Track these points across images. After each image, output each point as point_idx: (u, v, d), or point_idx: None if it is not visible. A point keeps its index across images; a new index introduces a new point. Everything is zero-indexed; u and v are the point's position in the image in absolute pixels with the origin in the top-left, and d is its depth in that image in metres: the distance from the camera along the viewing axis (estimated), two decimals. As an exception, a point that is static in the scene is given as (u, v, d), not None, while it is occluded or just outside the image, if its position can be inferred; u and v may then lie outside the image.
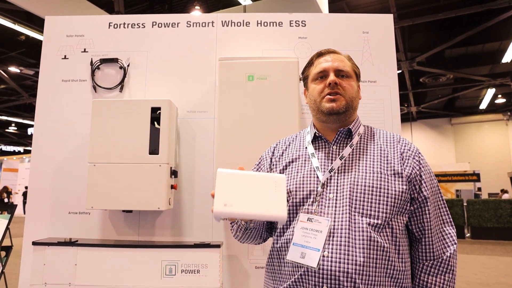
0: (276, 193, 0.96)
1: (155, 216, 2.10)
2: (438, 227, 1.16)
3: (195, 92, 2.19)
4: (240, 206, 0.92)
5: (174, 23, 2.27)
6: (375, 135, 1.24)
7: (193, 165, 2.13)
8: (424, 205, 1.14)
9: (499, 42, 9.03)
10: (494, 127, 15.73)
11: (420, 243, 1.15)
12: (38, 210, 2.11)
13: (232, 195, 0.93)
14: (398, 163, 1.14)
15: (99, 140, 1.95)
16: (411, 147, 1.20)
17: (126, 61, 2.22)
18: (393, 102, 2.16)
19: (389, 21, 2.25)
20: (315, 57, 1.28)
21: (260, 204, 0.94)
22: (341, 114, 1.18)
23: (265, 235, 1.29)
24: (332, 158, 1.18)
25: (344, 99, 1.18)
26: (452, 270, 1.12)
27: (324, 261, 1.04)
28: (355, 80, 1.25)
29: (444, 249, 1.14)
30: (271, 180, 0.98)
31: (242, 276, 2.03)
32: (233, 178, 0.95)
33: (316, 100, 1.21)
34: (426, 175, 1.16)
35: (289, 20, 2.24)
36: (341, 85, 1.18)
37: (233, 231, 1.25)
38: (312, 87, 1.24)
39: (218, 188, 0.93)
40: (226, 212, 0.92)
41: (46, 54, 2.25)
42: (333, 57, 1.24)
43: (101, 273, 1.83)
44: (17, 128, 18.12)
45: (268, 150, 1.35)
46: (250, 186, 0.95)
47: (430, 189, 1.15)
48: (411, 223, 1.15)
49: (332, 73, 1.20)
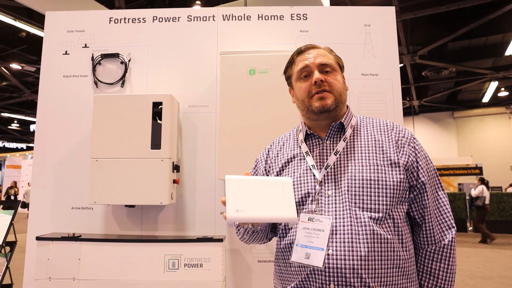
0: (285, 196, 0.99)
1: (157, 211, 2.10)
2: (437, 211, 1.16)
3: (197, 87, 2.19)
4: (252, 210, 0.95)
5: (175, 18, 2.26)
6: (368, 125, 1.22)
7: (195, 159, 2.13)
8: (423, 191, 1.14)
9: (502, 34, 8.95)
10: (497, 120, 15.65)
11: (421, 228, 1.15)
12: (42, 205, 2.12)
13: (243, 201, 0.96)
14: (394, 152, 1.13)
15: (101, 135, 1.96)
16: (405, 133, 1.19)
17: (127, 56, 2.21)
18: (395, 95, 2.15)
19: (391, 14, 2.24)
20: (295, 54, 1.25)
21: (270, 207, 0.97)
22: (332, 111, 1.16)
23: (270, 235, 1.30)
24: (327, 154, 1.17)
25: (333, 95, 1.16)
26: (453, 255, 1.14)
27: (330, 259, 1.03)
28: (340, 72, 1.22)
29: (443, 233, 1.15)
30: (279, 183, 1.01)
31: (244, 270, 2.04)
32: (242, 184, 0.99)
33: (304, 100, 1.19)
34: (422, 161, 1.16)
35: (290, 13, 2.23)
36: (327, 81, 1.16)
37: (240, 234, 1.25)
38: (298, 87, 1.21)
39: (228, 195, 0.96)
40: (239, 217, 0.94)
41: (47, 49, 2.25)
42: (314, 53, 1.20)
43: (105, 268, 1.84)
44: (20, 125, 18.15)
45: (263, 152, 1.33)
46: (259, 191, 0.99)
47: (427, 174, 1.15)
48: (412, 210, 1.16)
49: (316, 70, 1.17)
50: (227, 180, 0.98)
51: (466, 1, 6.94)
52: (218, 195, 2.10)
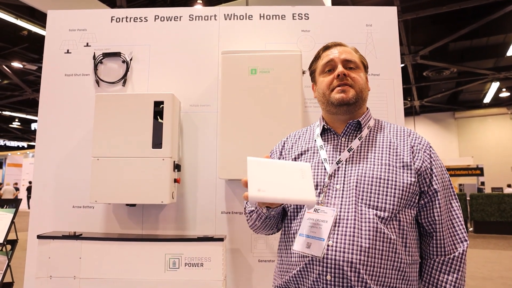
0: (304, 179, 1.02)
1: (158, 210, 2.10)
2: (449, 222, 1.14)
3: (198, 86, 2.19)
4: (273, 191, 0.97)
5: (176, 17, 2.26)
6: (385, 129, 1.23)
7: (196, 159, 2.13)
8: (434, 198, 1.12)
9: (503, 35, 8.94)
10: (498, 121, 15.64)
11: (431, 238, 1.13)
12: (43, 204, 2.12)
13: (264, 181, 0.97)
14: (407, 156, 1.13)
15: (103, 134, 1.96)
16: (422, 140, 1.19)
17: (129, 55, 2.21)
18: (397, 96, 2.14)
19: (393, 14, 2.23)
20: (321, 50, 1.28)
21: (290, 189, 0.99)
22: (351, 105, 1.18)
23: (280, 225, 1.30)
24: (340, 150, 1.18)
25: (354, 89, 1.18)
26: (462, 268, 1.11)
27: (329, 250, 1.04)
28: (363, 71, 1.25)
29: (454, 246, 1.12)
30: (298, 167, 1.04)
31: (245, 270, 2.04)
32: (263, 166, 1.01)
33: (325, 93, 1.21)
34: (437, 169, 1.15)
35: (292, 13, 2.23)
36: (350, 76, 1.18)
37: (251, 220, 1.26)
38: (321, 80, 1.24)
39: (250, 175, 0.98)
40: (261, 197, 0.96)
41: (49, 48, 2.25)
42: (340, 49, 1.24)
43: (105, 266, 1.84)
44: (21, 123, 18.19)
45: (279, 143, 1.36)
46: (279, 173, 1.01)
47: (441, 183, 1.14)
48: (421, 217, 1.14)
49: (340, 64, 1.20)
50: (249, 161, 1.00)
51: (467, 2, 6.94)
52: (219, 195, 2.10)
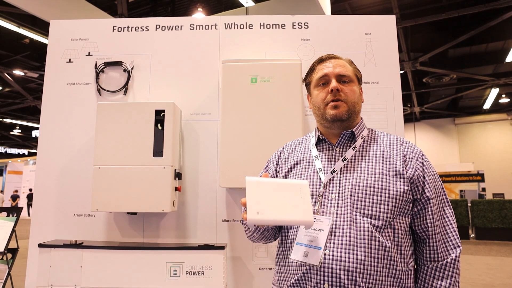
0: (302, 199, 1.03)
1: (159, 218, 2.11)
2: (442, 229, 1.16)
3: (199, 95, 2.20)
4: (271, 213, 0.99)
5: (177, 26, 2.28)
6: (378, 138, 1.25)
7: (197, 167, 2.14)
8: (427, 206, 1.14)
9: (502, 41, 8.99)
10: (498, 127, 15.64)
11: (425, 244, 1.15)
12: (44, 212, 2.12)
13: (262, 203, 0.99)
14: (400, 164, 1.16)
15: (104, 142, 1.97)
16: (414, 149, 1.21)
17: (130, 64, 2.23)
18: (396, 103, 2.16)
19: (392, 22, 2.25)
20: (316, 63, 1.30)
21: (288, 210, 1.01)
22: (345, 121, 1.21)
23: (277, 235, 1.33)
24: (335, 159, 1.21)
25: (347, 105, 1.20)
26: (456, 274, 1.12)
27: (326, 259, 1.06)
28: (357, 84, 1.27)
29: (448, 252, 1.14)
30: (296, 186, 1.05)
31: (246, 278, 2.04)
32: (262, 186, 1.02)
33: (320, 107, 1.24)
34: (429, 177, 1.17)
35: (292, 22, 2.25)
36: (343, 91, 1.21)
37: (249, 232, 1.28)
38: (315, 94, 1.26)
39: (249, 196, 0.99)
40: (259, 220, 0.98)
41: (51, 57, 2.27)
42: (334, 62, 1.26)
43: (106, 275, 1.84)
44: (22, 130, 18.22)
45: (275, 153, 1.39)
46: (278, 194, 1.02)
47: (433, 190, 1.16)
48: (415, 224, 1.16)
49: (333, 79, 1.22)
50: (247, 181, 1.01)
51: (466, 9, 6.99)
52: (220, 203, 2.10)
